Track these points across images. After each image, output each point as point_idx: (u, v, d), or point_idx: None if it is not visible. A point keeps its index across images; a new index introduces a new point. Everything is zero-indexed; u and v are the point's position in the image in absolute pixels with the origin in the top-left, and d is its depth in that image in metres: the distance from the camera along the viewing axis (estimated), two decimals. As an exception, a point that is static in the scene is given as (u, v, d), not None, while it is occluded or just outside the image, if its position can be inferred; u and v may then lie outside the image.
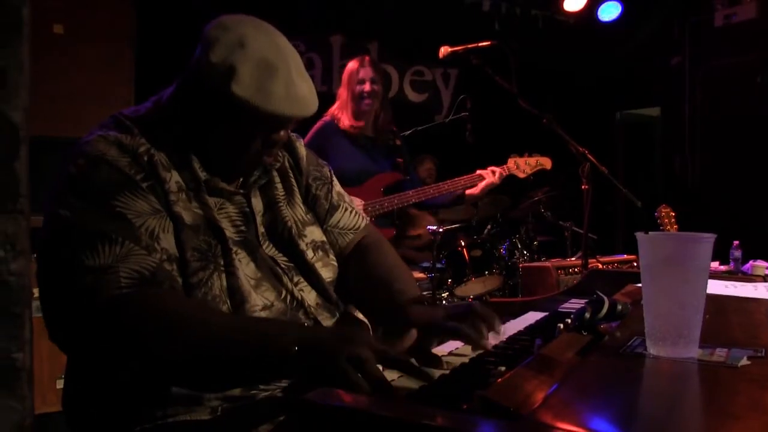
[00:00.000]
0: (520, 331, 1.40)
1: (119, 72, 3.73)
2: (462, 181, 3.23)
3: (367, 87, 3.09)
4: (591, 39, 5.38)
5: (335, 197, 1.46)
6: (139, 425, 1.12)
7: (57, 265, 1.09)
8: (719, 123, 5.01)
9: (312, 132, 3.12)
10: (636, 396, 0.83)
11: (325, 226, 1.42)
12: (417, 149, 4.02)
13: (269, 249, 1.29)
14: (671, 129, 5.51)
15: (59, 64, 3.41)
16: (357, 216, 1.49)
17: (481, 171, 3.23)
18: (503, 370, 1.05)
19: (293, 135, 1.44)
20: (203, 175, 1.22)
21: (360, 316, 1.42)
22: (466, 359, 1.14)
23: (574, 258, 3.69)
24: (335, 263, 1.39)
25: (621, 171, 5.85)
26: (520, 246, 4.21)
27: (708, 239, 0.94)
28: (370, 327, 1.41)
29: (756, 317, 1.30)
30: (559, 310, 1.62)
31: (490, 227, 4.32)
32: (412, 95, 5.56)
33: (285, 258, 1.30)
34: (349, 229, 1.45)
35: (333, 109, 3.19)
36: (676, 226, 3.12)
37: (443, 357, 1.16)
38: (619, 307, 1.15)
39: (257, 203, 1.31)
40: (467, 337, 1.11)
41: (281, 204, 1.34)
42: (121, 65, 3.74)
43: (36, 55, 0.46)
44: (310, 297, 1.29)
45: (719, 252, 3.18)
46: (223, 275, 1.17)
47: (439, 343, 1.21)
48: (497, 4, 5.31)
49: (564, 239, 4.27)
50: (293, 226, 1.33)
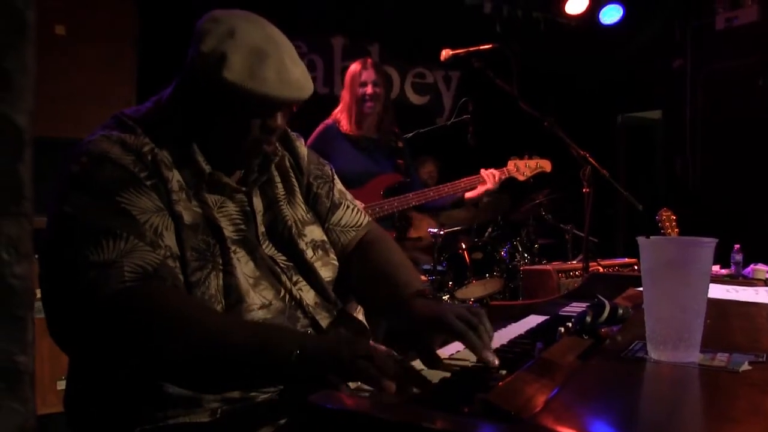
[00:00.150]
0: (520, 335, 1.40)
1: (121, 72, 3.73)
2: (462, 184, 3.23)
3: (369, 90, 3.09)
4: (592, 42, 5.38)
5: (337, 195, 1.46)
6: (140, 426, 1.12)
7: (61, 262, 1.09)
8: (720, 126, 5.01)
9: (314, 135, 3.13)
10: (637, 400, 0.83)
11: (327, 224, 1.42)
12: (418, 152, 4.02)
13: (269, 248, 1.29)
14: (672, 132, 5.51)
15: (60, 64, 3.41)
16: (359, 213, 1.48)
17: (484, 171, 3.23)
18: (504, 373, 1.05)
19: (294, 134, 1.44)
20: (207, 168, 1.22)
21: (359, 316, 1.42)
22: (467, 363, 1.15)
23: (574, 261, 3.68)
24: (335, 262, 1.39)
25: (622, 174, 5.84)
26: (520, 249, 4.20)
27: (709, 244, 0.94)
28: (367, 328, 1.41)
29: (757, 322, 1.30)
30: (560, 313, 1.62)
31: (490, 230, 4.31)
32: (413, 97, 5.56)
33: (284, 257, 1.30)
34: (351, 227, 1.45)
35: (335, 112, 3.20)
36: (677, 229, 3.12)
37: (444, 359, 1.16)
38: (620, 311, 1.15)
39: (258, 203, 1.31)
40: (473, 345, 1.09)
41: (282, 203, 1.34)
42: (123, 65, 3.74)
43: (37, 56, 0.46)
44: (308, 296, 1.29)
45: (720, 255, 3.18)
46: (221, 274, 1.17)
47: (444, 343, 1.20)
48: (499, 6, 5.31)
49: (565, 242, 4.27)
50: (293, 225, 1.33)
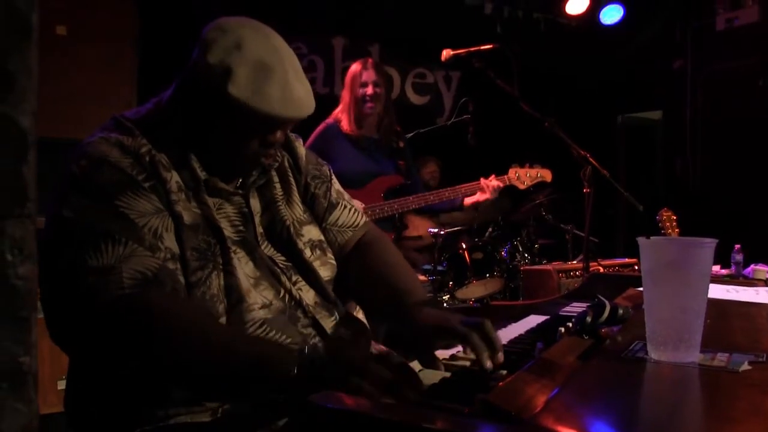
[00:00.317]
0: (521, 335, 1.40)
1: (121, 72, 3.73)
2: (463, 189, 3.23)
3: (370, 90, 3.09)
4: (593, 42, 5.38)
5: (334, 195, 1.46)
6: (140, 426, 1.13)
7: (60, 265, 1.09)
8: (721, 126, 5.01)
9: (314, 134, 3.12)
10: (637, 400, 0.83)
11: (324, 224, 1.42)
12: (419, 152, 4.02)
13: (267, 249, 1.29)
14: (673, 132, 5.51)
15: (61, 65, 3.41)
16: (356, 214, 1.48)
17: (483, 180, 3.22)
18: (504, 373, 1.06)
19: (292, 135, 1.44)
20: (203, 175, 1.22)
21: (360, 316, 1.42)
22: (467, 363, 1.15)
23: (575, 261, 3.69)
24: (333, 262, 1.39)
25: (622, 174, 5.84)
26: (521, 249, 4.20)
27: (709, 244, 0.94)
28: (368, 327, 1.41)
29: (757, 322, 1.30)
30: (561, 313, 1.63)
31: (491, 230, 4.31)
32: (413, 97, 5.56)
33: (283, 257, 1.30)
34: (348, 227, 1.45)
35: (336, 112, 3.19)
36: (677, 229, 3.12)
37: (444, 361, 1.16)
38: (621, 312, 1.15)
39: (255, 204, 1.32)
40: (475, 348, 1.09)
41: (279, 204, 1.35)
42: (123, 66, 3.74)
43: (38, 57, 0.46)
44: (308, 296, 1.29)
45: (720, 255, 3.18)
46: (222, 274, 1.18)
47: (445, 347, 1.20)
48: (499, 7, 5.30)
49: (565, 242, 4.27)
50: (291, 225, 1.33)
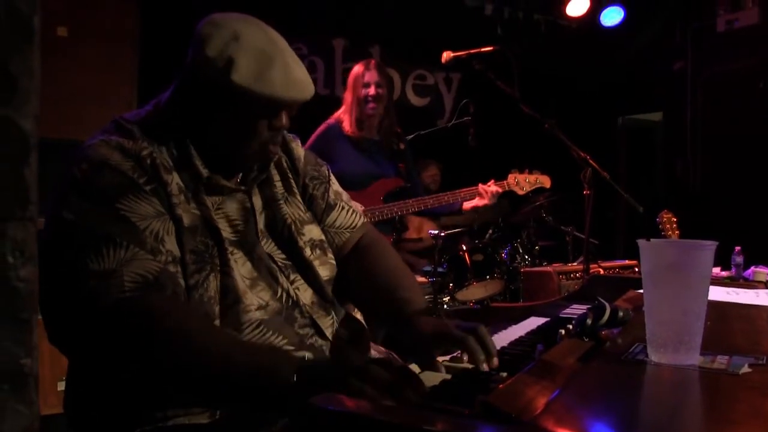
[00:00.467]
0: (521, 337, 1.40)
1: (122, 73, 3.73)
2: (462, 193, 3.23)
3: (372, 91, 3.09)
4: (593, 44, 5.38)
5: (332, 196, 1.46)
6: (139, 427, 1.13)
7: (60, 268, 1.09)
8: (721, 128, 5.01)
9: (315, 135, 3.12)
10: (637, 403, 0.84)
11: (323, 225, 1.43)
12: (419, 153, 4.03)
13: (267, 245, 1.29)
14: (673, 134, 5.51)
15: (61, 65, 3.41)
16: (354, 215, 1.48)
17: (482, 186, 3.22)
18: (505, 375, 1.06)
19: (289, 136, 1.44)
20: (205, 173, 1.22)
21: (358, 316, 1.43)
22: (468, 365, 1.15)
23: (575, 263, 3.69)
24: (333, 262, 1.39)
25: (623, 176, 5.84)
26: (521, 250, 4.20)
27: (710, 246, 0.94)
28: (366, 328, 1.41)
29: (758, 324, 1.30)
30: (561, 315, 1.62)
31: (491, 231, 4.31)
32: (414, 99, 5.56)
33: (283, 255, 1.30)
34: (346, 228, 1.45)
35: (338, 113, 3.20)
36: (677, 231, 3.12)
37: (444, 362, 1.16)
38: (621, 314, 1.15)
39: (257, 201, 1.32)
40: (471, 351, 1.11)
41: (281, 202, 1.35)
42: (124, 66, 3.75)
43: (40, 58, 0.46)
44: (305, 295, 1.29)
45: (721, 257, 3.18)
46: (219, 276, 1.18)
47: (444, 353, 1.21)
48: (500, 8, 5.31)
49: (565, 244, 4.26)
50: (292, 224, 1.33)
